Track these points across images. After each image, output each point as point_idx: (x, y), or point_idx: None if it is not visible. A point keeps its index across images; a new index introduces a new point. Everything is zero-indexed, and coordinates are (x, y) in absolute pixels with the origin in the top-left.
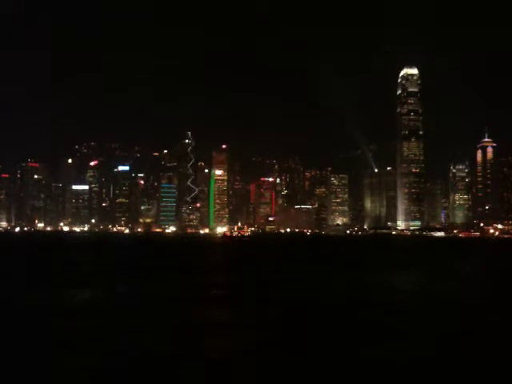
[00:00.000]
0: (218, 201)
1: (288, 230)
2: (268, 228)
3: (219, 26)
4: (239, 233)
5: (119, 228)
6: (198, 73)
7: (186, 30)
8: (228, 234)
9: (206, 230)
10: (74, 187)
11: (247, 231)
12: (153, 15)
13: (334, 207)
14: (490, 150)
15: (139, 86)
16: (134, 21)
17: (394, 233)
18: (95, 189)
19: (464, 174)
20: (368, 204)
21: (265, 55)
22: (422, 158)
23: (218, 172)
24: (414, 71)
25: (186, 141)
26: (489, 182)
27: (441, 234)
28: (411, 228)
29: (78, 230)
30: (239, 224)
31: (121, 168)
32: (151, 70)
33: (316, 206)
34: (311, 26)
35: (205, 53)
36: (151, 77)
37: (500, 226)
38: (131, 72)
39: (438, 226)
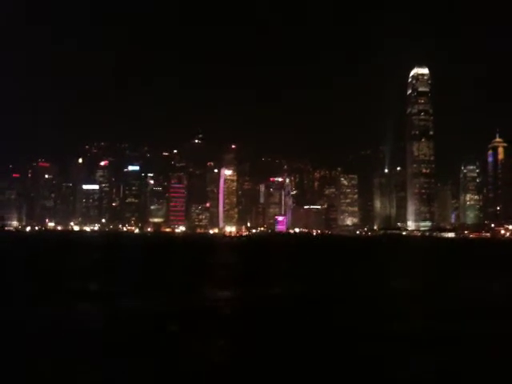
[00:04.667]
0: (227, 201)
1: (297, 230)
2: (277, 228)
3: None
4: (237, 233)
5: (129, 228)
6: (201, 73)
7: (189, 28)
8: (227, 234)
9: (216, 230)
10: (85, 187)
11: (245, 232)
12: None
13: (343, 207)
14: (500, 150)
15: (145, 85)
16: (135, 21)
17: (404, 233)
18: (105, 188)
19: (475, 175)
20: (378, 204)
21: (266, 55)
22: (432, 158)
23: (228, 172)
24: (425, 71)
25: (196, 141)
26: (500, 182)
27: (451, 234)
28: (421, 229)
29: (88, 229)
30: (248, 224)
31: (131, 168)
32: (155, 71)
33: (325, 206)
34: (315, 25)
35: (205, 52)
36: (156, 76)
37: (511, 227)
38: (137, 71)
39: (448, 227)
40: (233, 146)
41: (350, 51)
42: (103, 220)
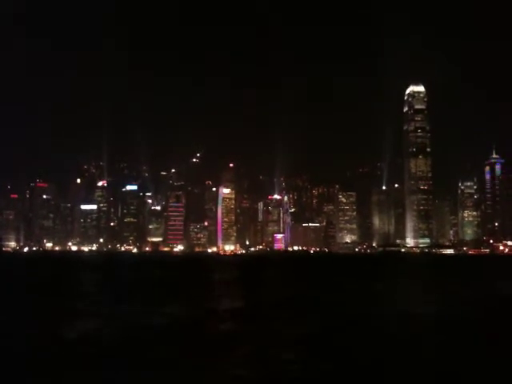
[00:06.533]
0: (225, 219)
1: (296, 248)
2: (276, 246)
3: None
4: (232, 252)
5: (127, 247)
6: (200, 88)
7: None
8: (222, 252)
9: (214, 249)
10: (83, 207)
11: (241, 250)
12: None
13: (342, 225)
14: (498, 166)
15: (142, 102)
16: (135, 28)
17: (403, 250)
18: (103, 208)
19: (472, 191)
20: (376, 221)
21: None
22: (429, 175)
23: (226, 190)
24: (421, 89)
25: (194, 160)
26: (498, 198)
27: (450, 251)
28: (420, 245)
29: (86, 249)
30: (247, 242)
31: (129, 187)
32: (152, 88)
33: (324, 223)
34: (309, 35)
35: (204, 54)
36: (152, 94)
37: (510, 243)
38: (133, 89)
39: (447, 244)
40: (231, 165)
41: (351, 57)
42: (101, 240)
